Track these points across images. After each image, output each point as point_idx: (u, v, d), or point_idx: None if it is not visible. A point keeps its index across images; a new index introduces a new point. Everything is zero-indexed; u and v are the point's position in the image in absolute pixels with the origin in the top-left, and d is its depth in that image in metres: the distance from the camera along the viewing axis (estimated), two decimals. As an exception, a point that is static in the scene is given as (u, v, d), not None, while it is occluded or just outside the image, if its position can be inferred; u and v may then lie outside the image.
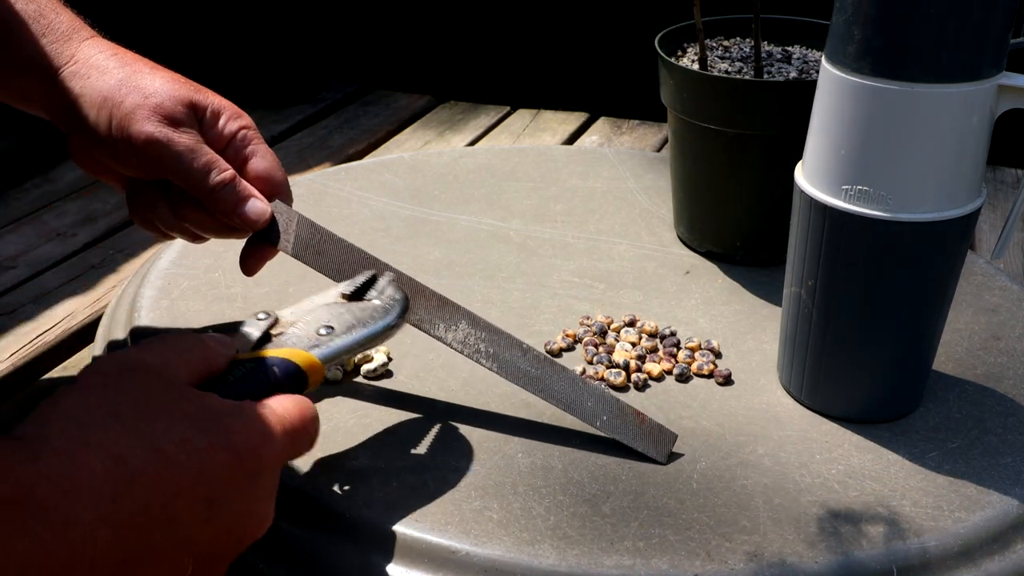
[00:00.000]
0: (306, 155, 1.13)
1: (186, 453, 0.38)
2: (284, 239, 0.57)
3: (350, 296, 0.51)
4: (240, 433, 0.40)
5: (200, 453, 0.38)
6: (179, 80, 0.56)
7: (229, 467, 0.39)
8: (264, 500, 0.42)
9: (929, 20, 0.47)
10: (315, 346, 0.48)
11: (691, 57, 0.72)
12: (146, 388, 0.40)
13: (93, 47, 0.56)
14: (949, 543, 0.48)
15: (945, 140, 0.49)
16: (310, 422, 0.45)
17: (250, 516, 0.41)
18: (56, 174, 1.07)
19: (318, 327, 0.48)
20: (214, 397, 0.42)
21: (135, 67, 0.55)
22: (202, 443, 0.39)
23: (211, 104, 0.56)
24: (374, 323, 0.50)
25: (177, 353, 0.43)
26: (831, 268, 0.54)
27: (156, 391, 0.40)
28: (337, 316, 0.49)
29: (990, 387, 0.60)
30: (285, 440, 0.43)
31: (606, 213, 0.82)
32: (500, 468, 0.52)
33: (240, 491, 0.40)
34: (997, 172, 1.10)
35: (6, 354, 0.74)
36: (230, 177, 0.55)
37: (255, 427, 0.41)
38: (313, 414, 0.45)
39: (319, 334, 0.48)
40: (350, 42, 1.56)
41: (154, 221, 0.58)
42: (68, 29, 0.56)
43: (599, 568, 0.46)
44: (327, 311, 0.50)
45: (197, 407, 0.40)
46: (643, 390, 0.60)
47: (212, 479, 0.39)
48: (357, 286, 0.51)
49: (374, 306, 0.51)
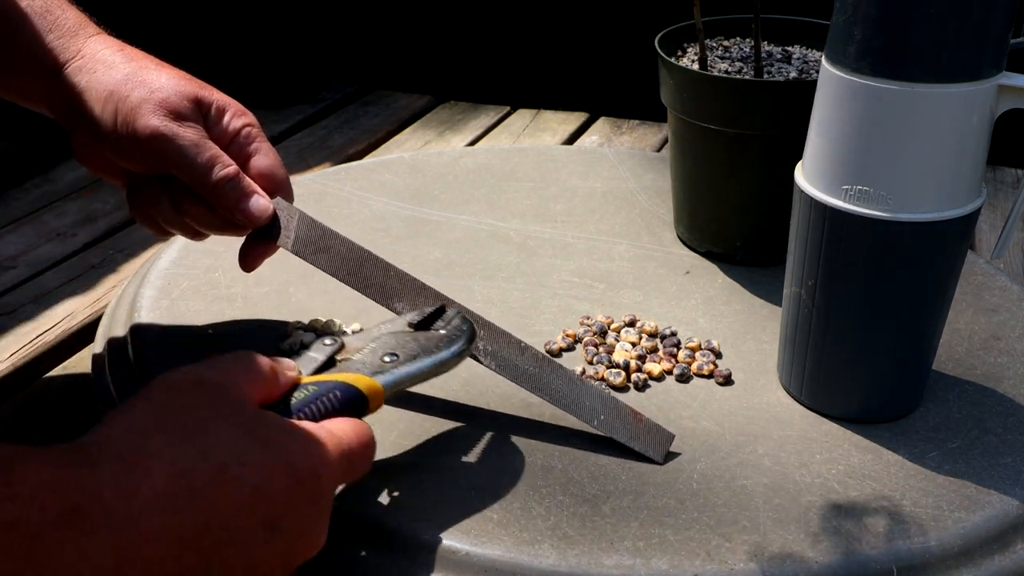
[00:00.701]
0: (306, 155, 1.13)
1: (247, 470, 0.38)
2: (285, 235, 0.57)
3: (417, 325, 0.51)
4: (300, 454, 0.40)
5: (260, 471, 0.38)
6: (185, 77, 0.56)
7: (289, 488, 0.39)
8: (320, 523, 0.42)
9: (929, 20, 0.47)
10: (379, 372, 0.48)
11: (691, 57, 0.72)
12: (211, 404, 0.40)
13: (99, 43, 0.56)
14: (949, 543, 0.48)
15: (945, 140, 0.49)
16: (367, 445, 0.45)
17: (306, 539, 0.41)
18: (56, 174, 1.06)
19: (383, 354, 0.49)
20: (276, 416, 0.42)
21: (141, 63, 0.55)
22: (262, 461, 0.39)
23: (216, 101, 0.56)
24: (439, 352, 0.50)
25: (242, 372, 0.43)
26: (831, 268, 0.54)
27: (221, 408, 0.40)
28: (403, 344, 0.50)
29: (990, 387, 0.60)
30: (342, 462, 0.43)
31: (606, 213, 0.82)
32: (500, 468, 0.52)
33: (300, 514, 0.40)
34: (997, 172, 1.10)
35: (6, 354, 0.74)
36: (233, 173, 0.55)
37: (314, 449, 0.41)
38: (370, 438, 0.45)
39: (383, 360, 0.48)
40: (350, 42, 1.56)
41: (155, 217, 0.58)
42: (74, 25, 0.56)
43: (599, 568, 0.46)
44: (394, 339, 0.50)
45: (259, 426, 0.40)
46: (643, 390, 0.60)
47: (273, 500, 0.38)
48: (424, 316, 0.52)
49: (440, 336, 0.51)
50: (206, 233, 0.60)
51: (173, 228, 0.59)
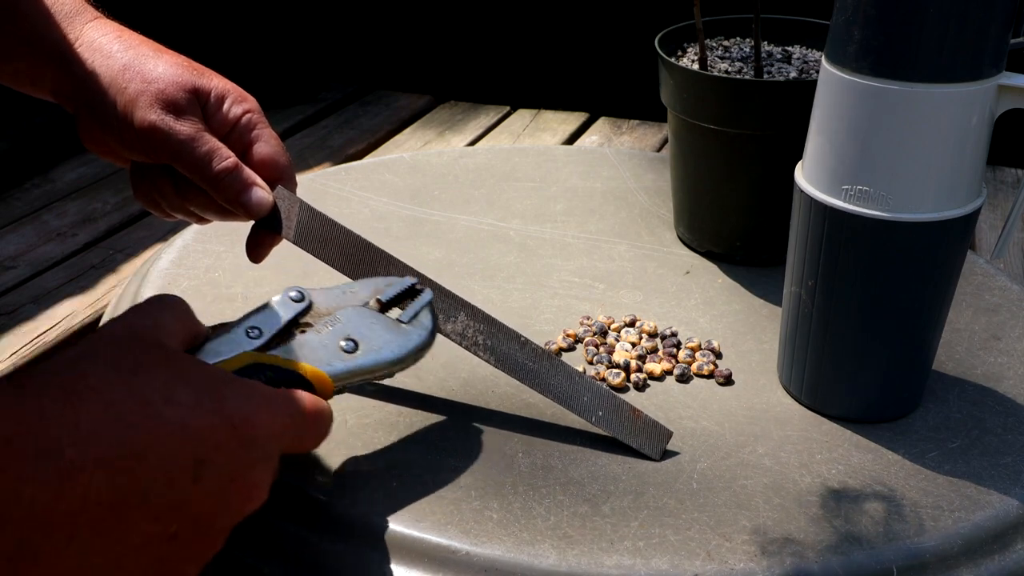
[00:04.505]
0: (306, 155, 1.13)
1: (173, 409, 0.39)
2: (286, 226, 0.57)
3: (385, 304, 0.51)
4: (233, 399, 0.41)
5: (187, 410, 0.39)
6: (183, 64, 0.55)
7: (217, 429, 0.40)
8: (258, 470, 0.42)
9: (929, 20, 0.47)
10: (332, 362, 0.47)
11: (691, 57, 0.72)
12: (146, 352, 0.41)
13: (97, 29, 0.55)
14: (949, 543, 0.48)
15: (945, 140, 0.49)
16: (321, 415, 0.45)
17: (242, 483, 0.41)
18: (56, 174, 1.07)
19: (343, 338, 0.48)
20: (215, 367, 0.43)
21: (139, 50, 0.55)
22: (190, 401, 0.39)
23: (215, 88, 0.56)
24: (396, 350, 0.49)
25: (172, 318, 0.44)
26: (831, 268, 0.54)
27: (156, 355, 0.41)
28: (365, 329, 0.49)
29: (990, 387, 0.60)
30: (287, 422, 0.43)
31: (606, 213, 0.82)
32: (500, 468, 0.52)
33: (230, 457, 0.40)
34: (997, 172, 1.10)
35: (6, 354, 0.74)
36: (232, 165, 0.55)
37: (252, 397, 0.42)
38: (325, 410, 0.45)
39: (341, 347, 0.48)
40: (350, 42, 1.56)
41: (159, 202, 0.58)
42: (72, 10, 0.55)
43: (599, 568, 0.46)
44: (358, 319, 0.49)
45: (193, 371, 0.41)
46: (643, 390, 0.60)
47: (200, 437, 0.39)
48: (393, 296, 0.51)
49: (404, 331, 0.50)
50: (210, 219, 0.60)
51: (177, 213, 0.59)
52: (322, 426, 0.46)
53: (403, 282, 0.52)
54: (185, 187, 0.56)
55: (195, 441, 0.39)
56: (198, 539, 0.40)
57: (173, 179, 0.56)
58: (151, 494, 0.37)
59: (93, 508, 0.35)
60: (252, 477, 0.42)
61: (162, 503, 0.38)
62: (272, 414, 0.42)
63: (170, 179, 0.56)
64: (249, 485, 0.42)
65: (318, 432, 0.46)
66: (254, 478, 0.42)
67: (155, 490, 0.37)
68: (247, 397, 0.42)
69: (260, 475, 0.42)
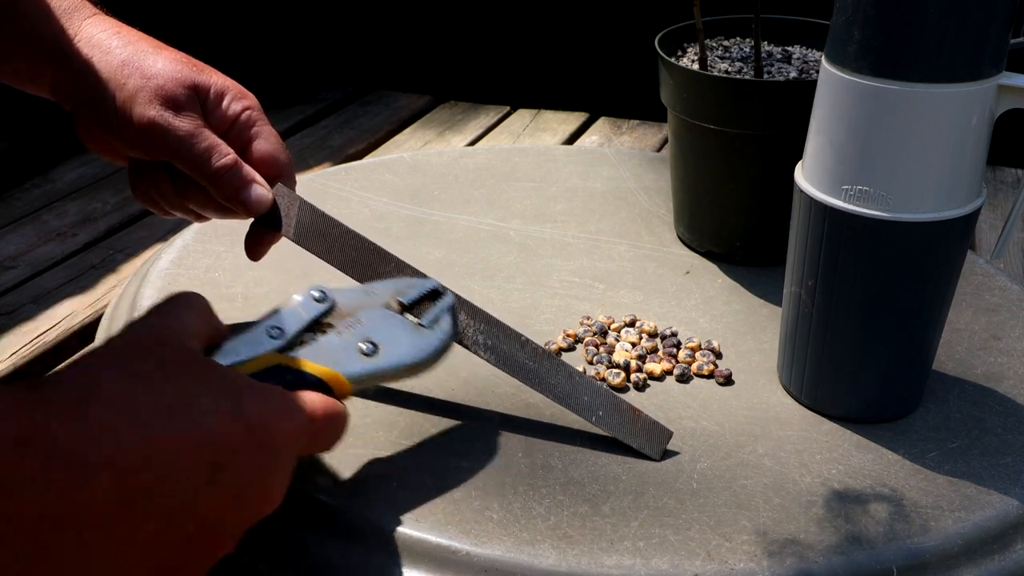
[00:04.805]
0: (306, 155, 1.13)
1: (190, 412, 0.38)
2: (286, 224, 0.57)
3: (407, 306, 0.51)
4: (252, 404, 0.41)
5: (206, 415, 0.39)
6: (182, 60, 0.55)
7: (236, 434, 0.40)
8: (275, 477, 0.42)
9: (929, 20, 0.47)
10: (351, 364, 0.47)
11: (691, 57, 0.72)
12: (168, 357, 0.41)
13: (95, 25, 0.55)
14: (949, 543, 0.48)
15: (945, 140, 0.49)
16: (336, 417, 0.45)
17: (258, 488, 0.41)
18: (56, 174, 1.07)
19: (363, 340, 0.48)
20: (236, 372, 0.43)
21: (138, 46, 0.55)
22: (209, 405, 0.39)
23: (214, 85, 0.56)
24: (415, 355, 0.49)
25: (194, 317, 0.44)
26: (831, 268, 0.54)
27: (177, 360, 0.41)
28: (386, 332, 0.49)
29: (990, 387, 0.60)
30: (304, 425, 0.43)
31: (606, 213, 0.82)
32: (500, 468, 0.52)
33: (248, 461, 0.40)
34: (997, 172, 1.10)
35: (6, 354, 0.74)
36: (231, 162, 0.54)
37: (271, 402, 0.42)
38: (340, 412, 0.45)
39: (360, 350, 0.48)
40: (350, 42, 1.56)
41: (158, 200, 0.58)
42: (70, 7, 0.55)
43: (599, 568, 0.46)
44: (380, 320, 0.49)
45: (213, 375, 0.41)
46: (643, 390, 0.60)
47: (218, 442, 0.39)
48: (416, 298, 0.51)
49: (424, 335, 0.50)
50: (209, 216, 0.59)
51: (176, 211, 0.59)
52: (338, 429, 0.46)
53: (425, 284, 0.52)
54: (184, 184, 0.56)
55: (211, 445, 0.39)
56: (210, 541, 0.40)
57: (172, 176, 0.56)
58: (162, 496, 0.37)
59: (103, 508, 0.35)
60: (268, 481, 0.42)
61: (174, 505, 0.37)
62: (289, 419, 0.42)
63: (169, 176, 0.56)
64: (264, 489, 0.42)
65: (333, 435, 0.46)
66: (269, 482, 0.42)
67: (167, 492, 0.37)
68: (265, 402, 0.42)
69: (276, 479, 0.42)
